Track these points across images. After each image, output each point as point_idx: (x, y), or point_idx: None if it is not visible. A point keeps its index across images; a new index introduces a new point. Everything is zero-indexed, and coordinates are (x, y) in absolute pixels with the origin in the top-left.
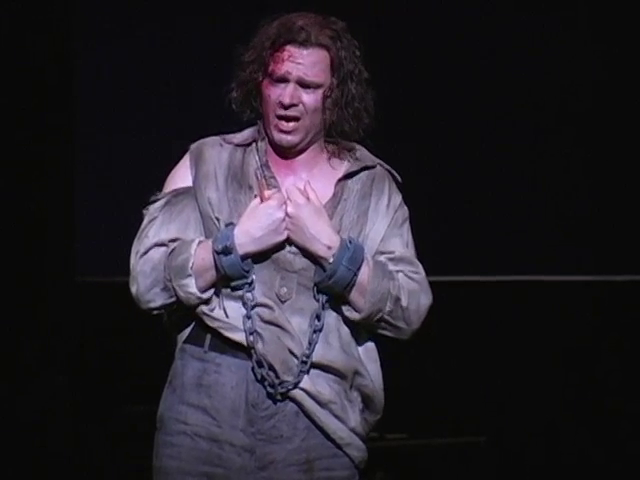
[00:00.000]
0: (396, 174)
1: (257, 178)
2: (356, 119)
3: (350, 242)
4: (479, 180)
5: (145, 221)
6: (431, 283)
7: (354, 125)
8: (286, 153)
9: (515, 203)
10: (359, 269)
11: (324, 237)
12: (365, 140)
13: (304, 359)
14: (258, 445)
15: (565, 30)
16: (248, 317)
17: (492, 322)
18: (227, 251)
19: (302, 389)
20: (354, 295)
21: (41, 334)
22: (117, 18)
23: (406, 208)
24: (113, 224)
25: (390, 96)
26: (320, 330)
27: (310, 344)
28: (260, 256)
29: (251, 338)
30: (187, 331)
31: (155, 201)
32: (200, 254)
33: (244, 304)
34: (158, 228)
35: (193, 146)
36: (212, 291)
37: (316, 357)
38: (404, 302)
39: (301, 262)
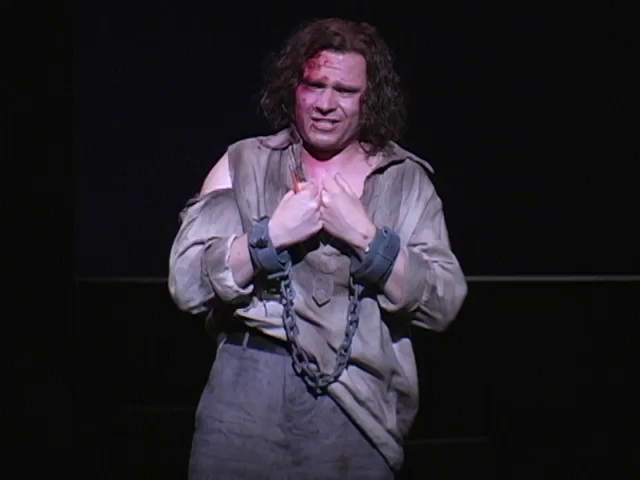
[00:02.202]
0: (428, 166)
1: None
2: (392, 122)
3: (386, 231)
4: (478, 180)
5: (184, 223)
6: None
7: (390, 128)
8: (322, 154)
9: (515, 203)
10: (395, 258)
11: (360, 226)
12: (400, 142)
13: (342, 352)
14: (294, 440)
15: (568, 31)
16: (287, 313)
17: (492, 322)
18: (262, 244)
19: (342, 383)
20: (390, 285)
21: (41, 334)
22: (118, 21)
23: (439, 200)
24: (113, 224)
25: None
26: (356, 321)
27: (347, 335)
28: (295, 257)
29: (291, 333)
30: (227, 332)
31: (194, 203)
32: (236, 248)
33: (282, 300)
34: (197, 229)
35: (231, 148)
36: (251, 287)
37: (355, 354)
38: (440, 292)
39: (336, 263)
